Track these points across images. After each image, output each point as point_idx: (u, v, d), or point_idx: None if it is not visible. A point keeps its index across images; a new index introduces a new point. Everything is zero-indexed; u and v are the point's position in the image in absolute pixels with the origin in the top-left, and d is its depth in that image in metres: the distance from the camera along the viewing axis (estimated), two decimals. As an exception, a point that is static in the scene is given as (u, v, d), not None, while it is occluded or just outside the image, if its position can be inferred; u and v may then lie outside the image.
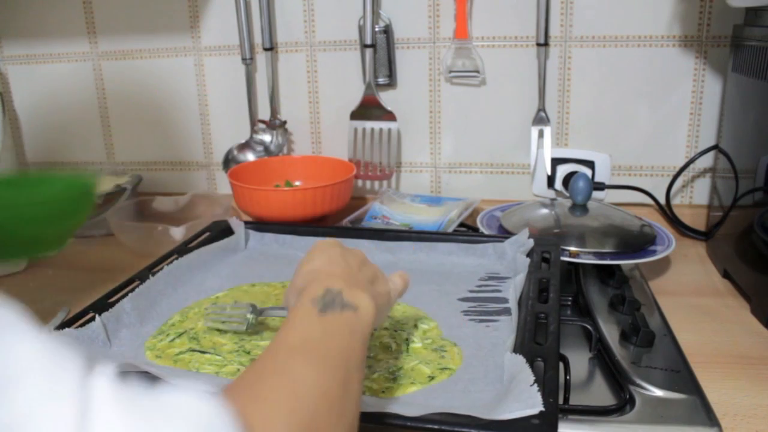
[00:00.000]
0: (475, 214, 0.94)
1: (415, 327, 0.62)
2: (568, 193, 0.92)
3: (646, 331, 0.65)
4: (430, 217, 0.95)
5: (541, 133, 1.01)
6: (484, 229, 0.87)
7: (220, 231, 0.84)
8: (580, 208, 0.89)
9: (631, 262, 0.80)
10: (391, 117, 1.03)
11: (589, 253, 0.79)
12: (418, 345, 0.59)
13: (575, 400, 0.56)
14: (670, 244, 0.83)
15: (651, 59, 0.97)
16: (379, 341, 0.59)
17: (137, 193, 1.11)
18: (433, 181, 1.09)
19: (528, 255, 0.72)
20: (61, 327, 0.58)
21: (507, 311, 0.64)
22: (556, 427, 0.42)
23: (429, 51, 1.03)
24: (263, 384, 0.34)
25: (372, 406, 0.46)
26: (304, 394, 0.34)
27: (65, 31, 1.13)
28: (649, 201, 0.99)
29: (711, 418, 0.53)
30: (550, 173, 1.01)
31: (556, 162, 1.01)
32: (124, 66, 1.14)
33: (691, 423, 0.53)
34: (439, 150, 1.07)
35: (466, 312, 0.65)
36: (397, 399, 0.50)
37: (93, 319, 0.59)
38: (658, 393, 0.57)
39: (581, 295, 0.75)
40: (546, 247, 0.73)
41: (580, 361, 0.64)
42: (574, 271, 0.80)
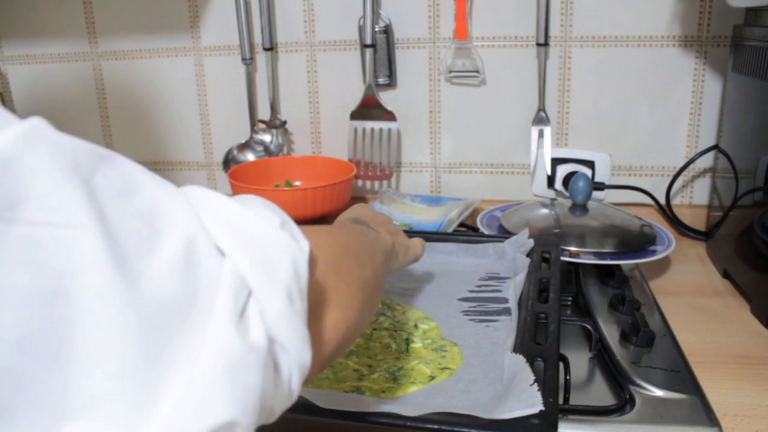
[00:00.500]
0: (475, 214, 0.94)
1: (416, 327, 0.62)
2: (568, 193, 0.92)
3: (646, 331, 0.65)
4: (430, 217, 0.95)
5: (541, 133, 1.01)
6: (484, 229, 0.87)
7: (220, 231, 0.84)
8: (580, 208, 0.89)
9: (631, 262, 0.80)
10: (391, 117, 1.03)
11: (589, 253, 0.79)
12: (418, 345, 0.59)
13: (575, 400, 0.56)
14: (670, 244, 0.83)
15: (651, 59, 0.97)
16: (379, 341, 0.59)
17: (137, 193, 1.11)
18: (433, 181, 1.09)
19: (528, 255, 0.72)
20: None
21: (507, 311, 0.64)
22: (556, 427, 0.42)
23: (429, 51, 1.03)
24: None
25: (372, 406, 0.46)
26: (340, 231, 0.46)
27: (65, 31, 1.13)
28: (649, 201, 0.99)
29: (711, 418, 0.53)
30: (550, 173, 1.01)
31: (556, 162, 1.01)
32: (124, 66, 1.14)
33: (691, 423, 0.53)
34: (439, 150, 1.07)
35: (466, 312, 0.65)
36: (397, 399, 0.50)
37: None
38: (658, 393, 0.57)
39: (581, 295, 0.75)
40: (546, 247, 0.73)
41: (580, 361, 0.64)
42: (574, 271, 0.80)
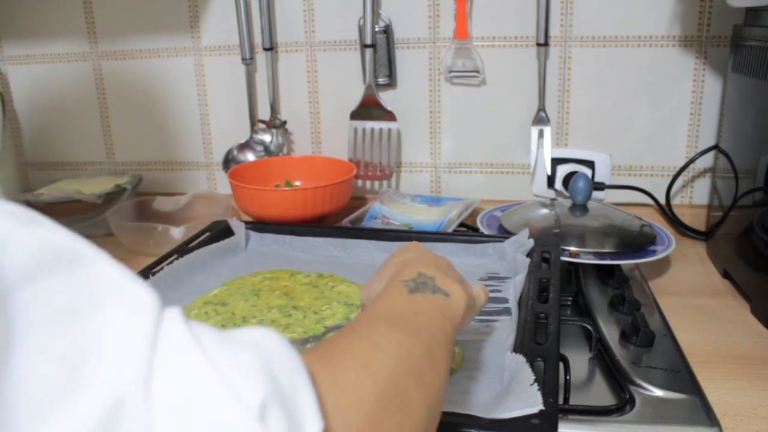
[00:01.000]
0: (475, 214, 0.94)
1: (415, 327, 0.62)
2: (568, 193, 0.92)
3: (646, 331, 0.65)
4: (430, 217, 0.95)
5: (541, 133, 1.01)
6: (484, 229, 0.87)
7: (220, 231, 0.84)
8: (580, 208, 0.89)
9: (631, 262, 0.80)
10: (391, 117, 1.03)
11: (589, 253, 0.79)
12: (418, 345, 0.59)
13: (575, 400, 0.56)
14: (670, 244, 0.83)
15: (651, 59, 0.97)
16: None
17: (137, 193, 1.11)
18: (433, 181, 1.09)
19: (528, 255, 0.72)
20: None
21: (507, 311, 0.64)
22: (556, 427, 0.42)
23: (429, 51, 1.03)
24: (338, 342, 0.32)
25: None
26: (384, 352, 0.32)
27: (65, 31, 1.13)
28: (649, 201, 0.99)
29: (711, 418, 0.53)
30: (550, 173, 1.01)
31: (556, 162, 1.01)
32: (124, 66, 1.14)
33: (691, 423, 0.53)
34: (439, 150, 1.07)
35: (466, 312, 0.65)
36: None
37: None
38: (658, 393, 0.57)
39: (581, 295, 0.75)
40: (546, 247, 0.73)
41: (580, 361, 0.64)
42: (574, 271, 0.80)
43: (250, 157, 1.09)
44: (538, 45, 0.98)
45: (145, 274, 0.70)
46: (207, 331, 0.24)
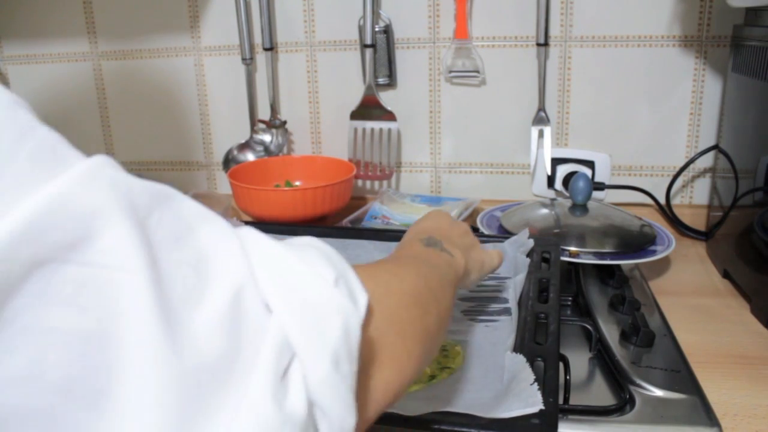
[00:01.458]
0: (475, 214, 0.94)
1: (415, 327, 0.62)
2: (568, 193, 0.92)
3: (646, 331, 0.65)
4: (430, 217, 0.94)
5: (541, 133, 1.01)
6: (484, 229, 0.87)
7: (220, 231, 0.84)
8: (580, 208, 0.89)
9: (631, 262, 0.80)
10: (391, 117, 1.03)
11: (589, 253, 0.79)
12: (418, 345, 0.59)
13: (575, 400, 0.56)
14: (670, 244, 0.83)
15: (651, 59, 0.97)
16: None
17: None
18: (433, 181, 1.09)
19: (528, 255, 0.72)
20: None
21: (507, 311, 0.64)
22: (556, 427, 0.42)
23: (429, 51, 1.03)
24: (370, 264, 0.41)
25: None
26: (407, 268, 0.41)
27: (65, 31, 1.13)
28: (649, 201, 0.99)
29: (711, 418, 0.53)
30: (550, 173, 1.01)
31: (556, 162, 1.01)
32: (124, 66, 1.14)
33: (691, 423, 0.53)
34: (439, 150, 1.07)
35: (467, 312, 0.65)
36: (397, 399, 0.50)
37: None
38: (658, 393, 0.57)
39: (581, 295, 0.75)
40: (546, 247, 0.73)
41: (580, 361, 0.64)
42: (574, 271, 0.80)
43: (250, 157, 1.09)
44: (538, 45, 0.98)
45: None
46: (275, 238, 0.31)
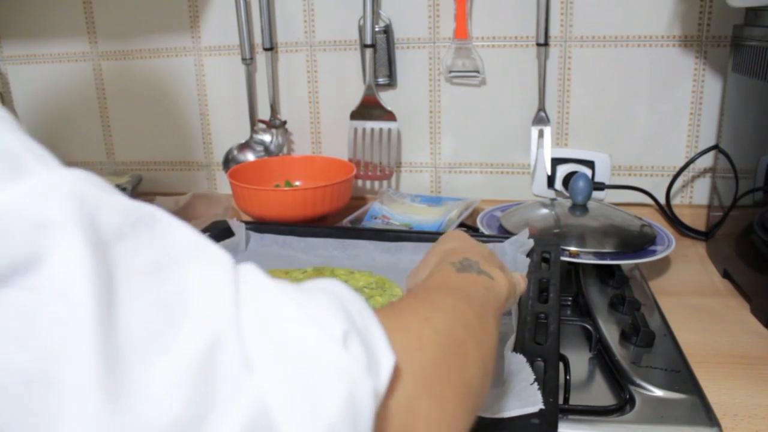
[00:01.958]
0: (475, 214, 0.94)
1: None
2: (568, 193, 0.91)
3: (646, 331, 0.65)
4: (430, 217, 0.95)
5: (541, 133, 1.01)
6: (484, 229, 0.87)
7: (220, 231, 0.84)
8: (580, 208, 0.89)
9: (631, 262, 0.80)
10: (391, 117, 1.03)
11: (589, 253, 0.79)
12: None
13: (575, 400, 0.56)
14: (670, 244, 0.83)
15: (651, 59, 0.97)
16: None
17: (137, 193, 1.11)
18: (433, 181, 1.09)
19: (528, 255, 0.72)
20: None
21: (507, 311, 0.64)
22: (556, 427, 0.42)
23: (429, 51, 1.03)
24: (397, 303, 0.35)
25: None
26: (441, 309, 0.34)
27: (65, 31, 1.13)
28: (649, 201, 0.99)
29: (711, 418, 0.53)
30: (550, 173, 1.01)
31: (556, 162, 1.01)
32: (124, 66, 1.14)
33: (691, 423, 0.53)
34: (439, 150, 1.07)
35: (466, 312, 0.65)
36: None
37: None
38: (658, 393, 0.57)
39: (581, 295, 0.75)
40: (546, 247, 0.73)
41: (580, 361, 0.64)
42: (574, 271, 0.80)
43: (250, 157, 1.09)
44: (538, 45, 0.98)
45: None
46: (280, 280, 0.26)
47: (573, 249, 0.80)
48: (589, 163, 1.00)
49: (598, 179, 0.98)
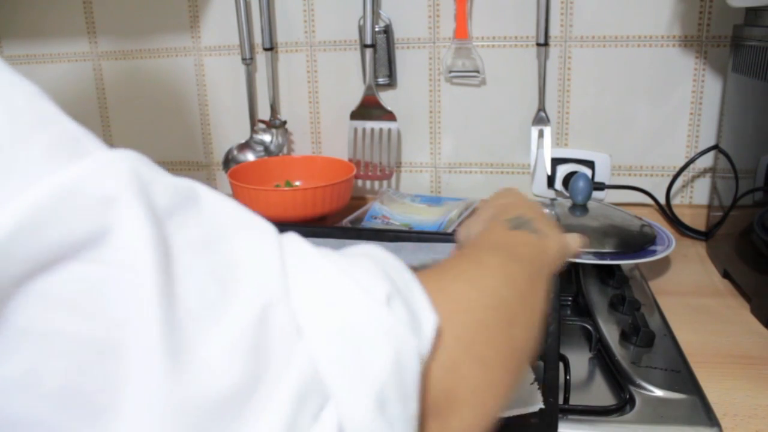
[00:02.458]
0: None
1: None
2: (568, 193, 0.91)
3: (646, 331, 0.65)
4: (430, 217, 0.95)
5: (541, 133, 1.01)
6: (484, 229, 0.87)
7: (220, 231, 0.84)
8: (580, 208, 0.89)
9: (631, 262, 0.80)
10: (391, 117, 1.03)
11: (589, 253, 0.79)
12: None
13: (575, 400, 0.56)
14: (670, 244, 0.83)
15: (651, 59, 0.97)
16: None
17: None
18: (433, 181, 1.09)
19: (528, 255, 0.71)
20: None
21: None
22: (556, 427, 0.42)
23: (429, 51, 1.03)
24: (444, 264, 0.34)
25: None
26: (490, 271, 0.33)
27: (65, 31, 1.13)
28: (649, 201, 0.99)
29: (711, 418, 0.53)
30: (550, 173, 1.01)
31: (556, 162, 1.01)
32: (124, 66, 1.14)
33: (691, 423, 0.53)
34: (439, 150, 1.07)
35: (466, 312, 0.65)
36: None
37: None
38: (658, 393, 0.57)
39: (581, 295, 0.75)
40: (546, 247, 0.73)
41: (580, 361, 0.64)
42: (574, 271, 0.80)
43: (250, 157, 1.09)
44: (538, 45, 0.98)
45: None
46: (322, 247, 0.27)
47: (573, 249, 0.80)
48: (589, 163, 1.00)
49: (598, 179, 0.98)
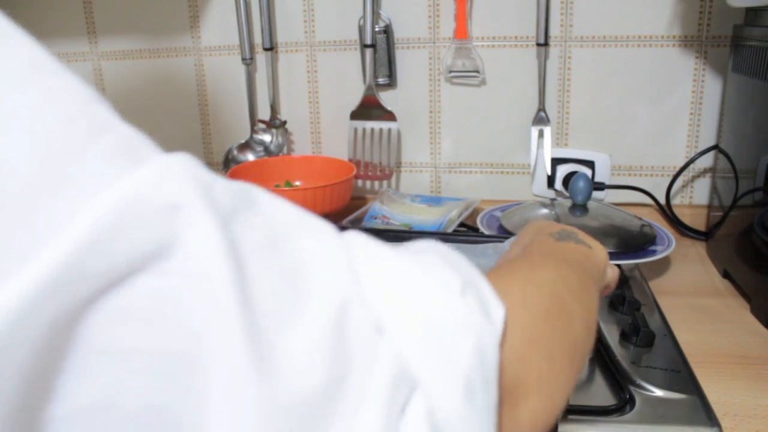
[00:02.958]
0: (475, 214, 0.94)
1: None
2: (568, 193, 0.92)
3: (646, 331, 0.65)
4: (430, 217, 0.95)
5: (541, 133, 1.01)
6: (484, 229, 0.87)
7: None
8: (580, 208, 0.89)
9: (631, 262, 0.80)
10: (391, 117, 1.03)
11: (589, 253, 0.79)
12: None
13: (575, 400, 0.56)
14: (670, 244, 0.83)
15: (651, 59, 0.97)
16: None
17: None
18: (433, 181, 1.09)
19: (528, 255, 0.72)
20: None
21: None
22: (556, 427, 0.42)
23: (429, 51, 1.03)
24: (499, 265, 0.35)
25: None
26: (544, 270, 0.34)
27: (65, 31, 1.13)
28: (649, 201, 0.99)
29: (711, 418, 0.53)
30: (550, 173, 1.01)
31: (556, 162, 1.01)
32: (124, 66, 1.14)
33: (691, 423, 0.53)
34: (439, 150, 1.07)
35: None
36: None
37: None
38: (658, 393, 0.57)
39: (581, 295, 0.75)
40: (546, 247, 0.73)
41: (580, 361, 0.64)
42: (574, 271, 0.80)
43: (250, 157, 1.09)
44: (538, 45, 0.98)
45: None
46: (386, 243, 0.27)
47: (573, 249, 0.80)
48: (589, 163, 1.00)
49: (598, 179, 0.98)
